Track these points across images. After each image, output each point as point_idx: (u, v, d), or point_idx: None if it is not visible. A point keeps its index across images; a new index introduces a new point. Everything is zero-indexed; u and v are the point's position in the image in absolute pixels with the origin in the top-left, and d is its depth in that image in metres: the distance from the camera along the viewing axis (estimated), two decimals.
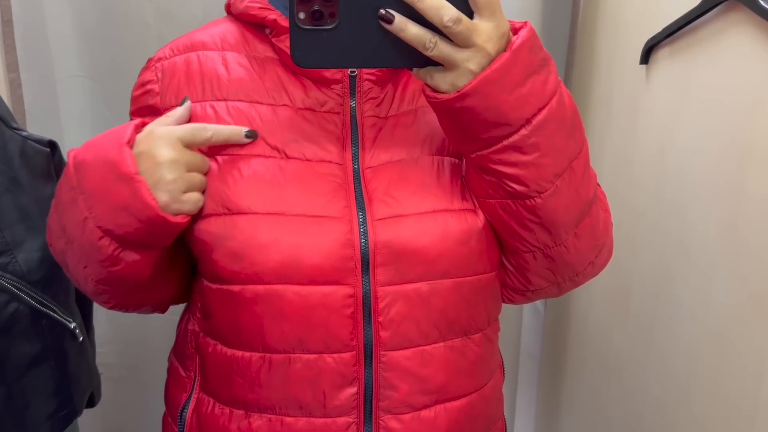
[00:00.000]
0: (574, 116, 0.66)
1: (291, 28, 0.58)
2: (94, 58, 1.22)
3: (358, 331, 0.67)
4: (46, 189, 0.86)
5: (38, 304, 0.82)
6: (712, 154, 0.87)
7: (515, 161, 0.63)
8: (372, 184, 0.69)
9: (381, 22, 0.57)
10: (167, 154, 0.64)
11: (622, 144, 1.10)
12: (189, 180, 0.65)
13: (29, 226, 0.83)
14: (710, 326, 0.88)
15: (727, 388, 0.84)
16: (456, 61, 0.58)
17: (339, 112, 0.71)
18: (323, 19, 0.58)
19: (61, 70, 1.22)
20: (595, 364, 1.24)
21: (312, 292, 0.66)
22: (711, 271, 0.87)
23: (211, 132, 0.67)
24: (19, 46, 1.17)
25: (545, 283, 0.74)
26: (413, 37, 0.57)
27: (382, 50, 0.59)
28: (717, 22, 0.84)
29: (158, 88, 0.72)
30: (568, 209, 0.67)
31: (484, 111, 0.60)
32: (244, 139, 0.68)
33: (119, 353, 1.38)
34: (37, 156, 0.87)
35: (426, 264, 0.67)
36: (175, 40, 0.76)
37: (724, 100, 0.84)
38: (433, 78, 0.61)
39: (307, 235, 0.66)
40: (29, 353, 0.83)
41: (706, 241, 0.88)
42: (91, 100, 1.24)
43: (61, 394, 0.88)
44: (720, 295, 0.86)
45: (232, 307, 0.69)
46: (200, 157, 0.68)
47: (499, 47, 0.59)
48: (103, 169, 0.64)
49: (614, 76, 1.13)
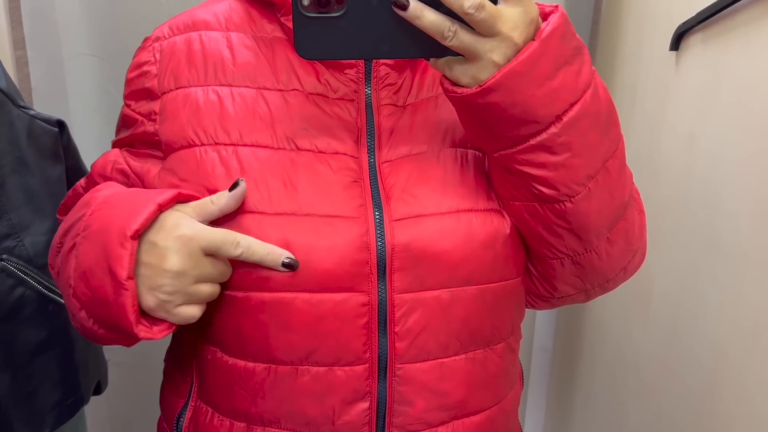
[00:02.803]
0: (610, 111, 0.59)
1: (294, 16, 0.53)
2: (103, 37, 1.19)
3: (372, 343, 0.61)
4: (54, 170, 0.84)
5: (45, 289, 0.80)
6: (746, 144, 0.83)
7: (543, 162, 0.57)
8: (389, 179, 0.63)
9: (394, 8, 0.52)
10: (177, 265, 0.57)
11: (648, 132, 1.06)
12: (191, 294, 0.59)
13: (36, 209, 0.80)
14: (740, 324, 0.85)
15: (755, 389, 0.82)
16: (478, 52, 0.52)
17: (353, 100, 0.65)
18: (330, 6, 0.52)
19: (68, 49, 1.20)
20: (612, 360, 1.21)
21: (323, 299, 0.60)
22: (742, 267, 0.84)
23: (243, 249, 0.59)
24: (26, 23, 1.15)
25: (572, 290, 0.69)
26: (430, 24, 0.52)
27: (395, 40, 0.54)
28: (754, 8, 0.81)
29: (155, 69, 0.66)
30: (601, 214, 0.61)
31: (510, 107, 0.54)
32: (280, 267, 0.60)
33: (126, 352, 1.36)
34: (45, 136, 0.84)
35: (448, 269, 0.62)
36: (174, 18, 0.70)
37: (759, 90, 0.80)
38: (453, 70, 0.55)
39: (319, 238, 0.60)
40: (35, 340, 0.81)
41: (738, 236, 0.85)
42: (98, 79, 1.22)
43: (67, 382, 0.86)
44: (752, 292, 0.82)
45: (235, 315, 0.63)
46: (219, 269, 0.60)
47: (526, 36, 0.53)
48: (98, 250, 0.58)
49: (642, 63, 1.09)
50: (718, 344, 0.89)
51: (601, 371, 1.26)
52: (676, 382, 1.00)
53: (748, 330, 0.83)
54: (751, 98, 0.82)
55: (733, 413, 0.86)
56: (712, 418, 0.91)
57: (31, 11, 1.14)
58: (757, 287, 0.82)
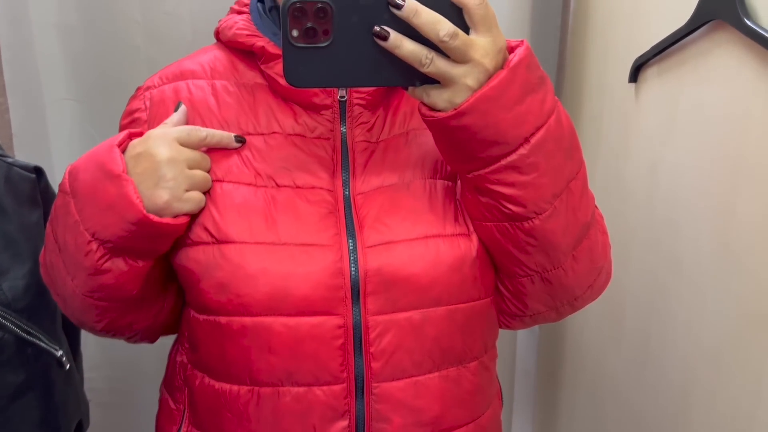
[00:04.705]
0: (572, 136, 0.65)
1: (284, 47, 0.57)
2: (83, 81, 1.21)
3: (348, 363, 0.65)
4: (31, 216, 0.85)
5: (23, 332, 0.81)
6: (703, 171, 0.86)
7: (513, 181, 0.61)
8: (363, 210, 0.68)
9: (376, 39, 0.56)
10: (165, 153, 0.63)
11: (614, 161, 1.10)
12: (191, 177, 0.65)
13: (14, 254, 0.81)
14: (706, 344, 0.87)
15: (723, 407, 0.84)
16: (453, 76, 0.57)
17: (329, 138, 0.70)
18: (317, 37, 0.56)
19: (49, 94, 1.21)
20: (591, 382, 1.23)
21: (301, 323, 0.65)
22: (705, 288, 0.87)
23: (206, 133, 0.67)
24: (6, 69, 1.17)
25: (543, 307, 0.73)
26: (409, 53, 0.56)
27: (378, 68, 0.58)
28: (704, 41, 0.85)
29: (146, 116, 0.72)
30: (566, 231, 0.66)
31: (482, 129, 0.59)
32: (234, 143, 0.68)
33: (109, 378, 1.36)
34: (23, 182, 0.86)
35: (418, 291, 0.66)
36: (164, 69, 0.75)
37: (713, 118, 0.84)
38: (430, 96, 0.59)
39: (296, 265, 0.65)
40: (14, 383, 0.81)
41: (699, 258, 0.88)
42: (80, 123, 1.23)
43: (47, 423, 0.86)
44: (715, 313, 0.85)
45: (219, 339, 0.67)
46: (200, 154, 0.67)
47: (496, 63, 0.58)
48: (93, 169, 0.64)
49: (604, 94, 1.13)
50: (687, 364, 0.91)
51: (582, 394, 1.28)
52: (651, 403, 1.01)
53: (714, 349, 0.85)
54: (706, 126, 0.85)
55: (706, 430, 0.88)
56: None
57: (10, 58, 1.16)
58: (718, 307, 0.84)
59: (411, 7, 0.55)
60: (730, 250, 0.81)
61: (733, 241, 0.81)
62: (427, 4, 0.56)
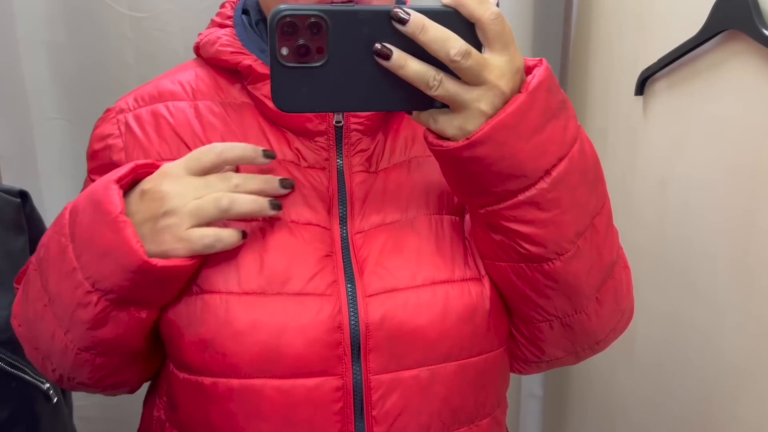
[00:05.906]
0: (596, 167, 0.58)
1: (272, 66, 0.50)
2: (73, 100, 1.18)
3: (348, 429, 0.58)
4: (17, 242, 0.82)
5: (7, 365, 0.77)
6: (717, 187, 0.83)
7: (532, 218, 0.54)
8: (362, 252, 0.61)
9: (377, 57, 0.50)
10: (168, 186, 0.56)
11: (621, 177, 1.07)
12: (196, 210, 0.55)
13: None
14: (724, 366, 0.84)
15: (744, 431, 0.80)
16: (465, 101, 0.50)
17: (324, 168, 0.63)
18: (310, 56, 0.49)
19: (37, 113, 1.18)
20: (600, 404, 1.19)
21: (294, 386, 0.57)
22: (722, 310, 0.83)
23: (221, 148, 0.57)
24: None
25: (562, 353, 0.66)
26: (414, 74, 0.50)
27: (378, 91, 0.51)
28: (717, 52, 0.82)
29: (121, 143, 0.64)
30: (590, 273, 0.59)
31: (498, 161, 0.52)
32: (260, 158, 0.58)
33: (100, 406, 1.31)
34: (7, 207, 0.82)
35: (425, 347, 0.59)
36: (138, 89, 0.68)
37: (728, 132, 0.81)
38: (438, 122, 0.52)
39: (289, 318, 0.57)
40: None
41: (715, 279, 0.84)
42: (69, 143, 1.21)
43: None
44: (733, 333, 0.82)
45: (203, 402, 0.60)
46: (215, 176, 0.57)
47: (513, 85, 0.51)
48: (90, 210, 0.56)
49: (609, 108, 1.10)
50: (704, 387, 0.88)
51: (591, 416, 1.24)
52: (664, 427, 0.98)
53: (734, 371, 0.82)
54: (720, 141, 0.83)
55: None
56: None
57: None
58: (737, 331, 0.81)
59: (417, 22, 0.48)
60: (748, 268, 0.78)
61: (750, 261, 0.78)
62: (435, 18, 0.49)
